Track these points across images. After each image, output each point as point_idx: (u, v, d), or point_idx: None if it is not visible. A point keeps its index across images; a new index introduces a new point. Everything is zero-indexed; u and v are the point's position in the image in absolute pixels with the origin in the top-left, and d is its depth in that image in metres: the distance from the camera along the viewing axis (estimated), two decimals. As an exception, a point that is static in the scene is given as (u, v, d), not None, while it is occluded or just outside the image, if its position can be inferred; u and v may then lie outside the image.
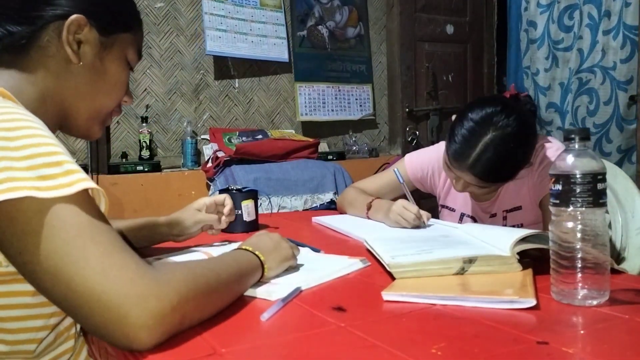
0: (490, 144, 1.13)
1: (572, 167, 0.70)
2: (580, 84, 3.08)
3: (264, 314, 0.68)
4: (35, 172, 0.56)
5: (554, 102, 3.25)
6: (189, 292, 0.60)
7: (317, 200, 2.64)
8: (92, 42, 0.74)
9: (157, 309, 0.55)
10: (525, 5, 3.36)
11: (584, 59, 3.05)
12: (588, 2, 3.04)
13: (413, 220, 1.24)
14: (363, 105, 3.43)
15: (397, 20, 3.46)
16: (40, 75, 0.72)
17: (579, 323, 0.66)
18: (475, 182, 1.19)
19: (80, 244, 0.56)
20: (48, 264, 0.55)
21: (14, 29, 0.70)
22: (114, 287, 0.55)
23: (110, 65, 0.78)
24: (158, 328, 0.56)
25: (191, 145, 2.71)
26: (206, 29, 2.84)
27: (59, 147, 0.59)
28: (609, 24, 2.95)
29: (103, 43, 0.76)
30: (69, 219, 0.56)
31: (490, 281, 0.81)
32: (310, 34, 3.25)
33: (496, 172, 1.17)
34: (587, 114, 3.06)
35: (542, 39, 3.28)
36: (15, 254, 0.57)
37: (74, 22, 0.72)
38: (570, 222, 0.70)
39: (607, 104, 2.96)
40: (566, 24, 3.17)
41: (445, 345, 0.58)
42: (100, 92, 0.78)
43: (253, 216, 1.36)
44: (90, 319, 0.56)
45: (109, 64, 0.78)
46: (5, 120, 0.59)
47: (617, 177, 1.45)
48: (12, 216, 0.55)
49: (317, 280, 0.85)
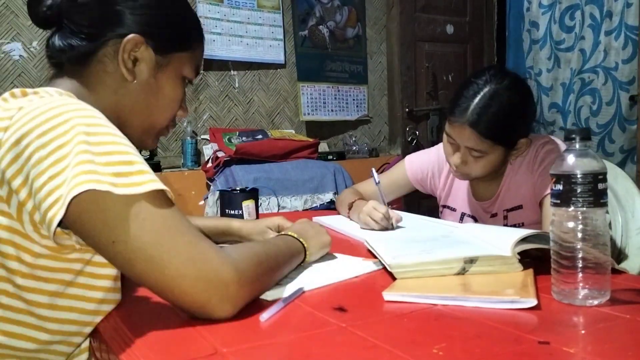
0: (489, 95, 1.17)
1: (573, 167, 0.70)
2: (582, 85, 3.09)
3: (263, 314, 0.68)
4: (111, 168, 0.61)
5: (556, 102, 3.25)
6: (258, 275, 0.70)
7: (317, 200, 2.64)
8: (147, 61, 0.77)
9: (235, 292, 0.65)
10: (527, 6, 3.37)
11: (586, 60, 3.06)
12: (589, 2, 3.04)
13: (380, 220, 1.25)
14: (360, 106, 3.43)
15: (397, 20, 3.46)
16: (99, 89, 0.76)
17: (580, 323, 0.66)
18: (473, 139, 1.18)
19: (169, 235, 0.62)
20: (143, 253, 0.61)
21: (76, 43, 0.75)
22: (201, 275, 0.62)
23: (166, 84, 0.80)
24: (236, 307, 0.66)
25: (191, 145, 2.71)
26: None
27: (131, 148, 0.65)
28: (611, 24, 2.96)
29: (159, 62, 0.78)
30: (155, 212, 0.62)
31: (491, 281, 0.81)
32: (312, 33, 3.25)
33: (493, 123, 1.17)
34: (590, 114, 3.07)
35: (545, 39, 3.28)
36: (107, 244, 0.62)
37: (130, 41, 0.75)
38: (571, 222, 0.70)
39: (610, 104, 2.97)
40: (567, 25, 3.17)
41: (447, 346, 0.58)
42: (155, 109, 0.80)
43: (254, 216, 1.36)
44: (180, 299, 0.64)
45: (164, 82, 0.80)
46: (85, 116, 0.64)
47: (617, 178, 1.45)
48: (100, 207, 0.60)
49: (327, 281, 0.85)
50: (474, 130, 1.17)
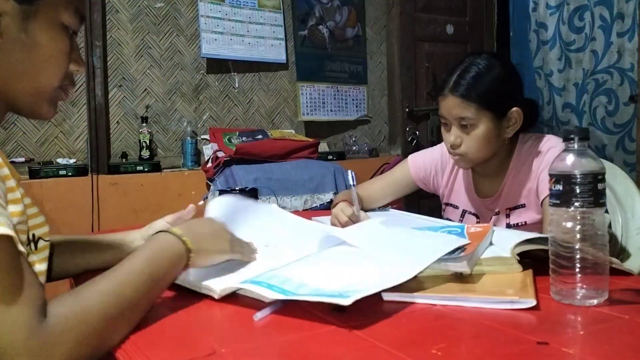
0: (468, 64, 1.25)
1: (573, 167, 0.70)
2: (596, 85, 3.12)
3: (257, 313, 0.68)
4: None
5: (569, 102, 3.28)
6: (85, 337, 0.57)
7: (317, 200, 2.64)
8: (10, 13, 0.65)
9: None
10: (533, 6, 3.38)
11: (599, 61, 3.10)
12: (599, 4, 3.06)
13: (345, 223, 1.28)
14: (359, 106, 3.43)
15: (397, 20, 3.46)
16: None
17: (579, 323, 0.66)
18: (458, 104, 1.22)
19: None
20: None
21: None
22: None
23: (41, 36, 0.68)
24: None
25: (191, 145, 2.71)
26: (202, 31, 2.84)
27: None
28: (623, 26, 2.99)
29: (25, 12, 0.66)
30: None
31: (491, 281, 0.81)
32: (311, 33, 3.25)
33: (473, 85, 1.21)
34: (606, 114, 3.11)
35: (554, 40, 3.30)
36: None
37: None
38: (570, 222, 0.70)
39: (628, 104, 3.00)
40: (577, 25, 3.20)
41: (446, 346, 0.58)
42: (36, 67, 0.69)
43: (253, 216, 1.36)
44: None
45: (38, 34, 0.68)
46: None
47: (616, 178, 1.44)
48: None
49: None
50: (456, 95, 1.22)
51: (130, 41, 2.74)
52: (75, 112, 2.62)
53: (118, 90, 2.71)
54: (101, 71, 2.62)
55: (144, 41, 2.77)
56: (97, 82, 2.59)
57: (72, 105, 2.62)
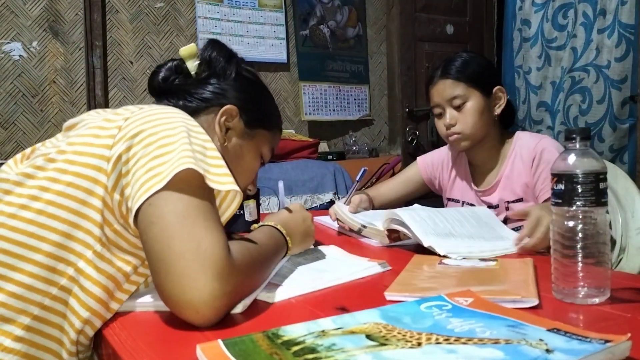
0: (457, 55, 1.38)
1: (574, 166, 0.71)
2: (572, 83, 3.05)
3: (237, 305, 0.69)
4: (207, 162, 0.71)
5: (544, 101, 3.21)
6: (251, 271, 0.72)
7: (317, 200, 2.64)
8: (237, 130, 0.91)
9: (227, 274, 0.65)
10: (520, 5, 3.34)
11: (578, 58, 3.02)
12: (583, 0, 3.02)
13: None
14: (361, 105, 3.43)
15: (397, 20, 3.46)
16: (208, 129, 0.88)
17: (580, 322, 0.66)
18: (448, 85, 1.33)
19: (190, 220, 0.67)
20: None
21: (187, 103, 0.90)
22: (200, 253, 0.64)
23: (248, 153, 0.94)
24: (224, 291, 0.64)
25: (191, 145, 2.71)
26: (199, 32, 2.84)
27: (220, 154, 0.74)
28: (604, 22, 2.93)
29: (246, 133, 0.92)
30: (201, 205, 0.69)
31: (493, 280, 0.81)
32: (313, 33, 3.25)
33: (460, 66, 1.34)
34: (579, 112, 3.02)
35: (536, 37, 3.25)
36: None
37: (227, 110, 0.89)
38: (571, 221, 0.71)
39: (601, 102, 2.93)
40: (560, 23, 3.14)
41: (448, 344, 0.58)
42: (236, 172, 0.89)
43: (255, 216, 1.36)
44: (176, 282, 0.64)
45: (247, 151, 0.93)
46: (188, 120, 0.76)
47: (617, 177, 1.45)
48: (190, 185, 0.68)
49: (330, 282, 0.83)
50: (446, 78, 1.34)
51: (130, 41, 2.74)
52: (75, 112, 2.62)
53: (118, 90, 2.72)
54: (101, 71, 2.62)
55: (144, 41, 2.77)
56: (97, 82, 2.60)
57: (72, 105, 2.62)
